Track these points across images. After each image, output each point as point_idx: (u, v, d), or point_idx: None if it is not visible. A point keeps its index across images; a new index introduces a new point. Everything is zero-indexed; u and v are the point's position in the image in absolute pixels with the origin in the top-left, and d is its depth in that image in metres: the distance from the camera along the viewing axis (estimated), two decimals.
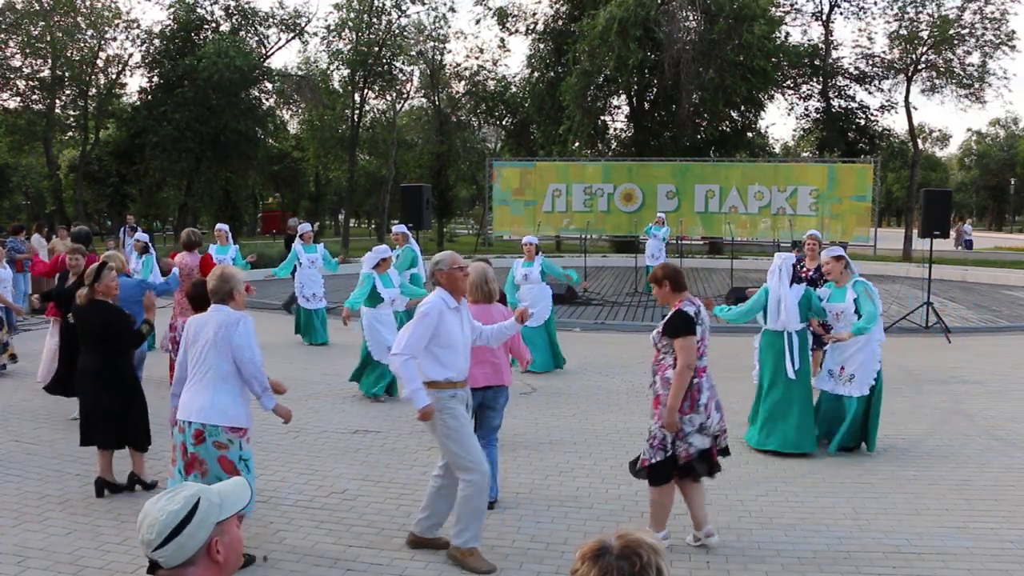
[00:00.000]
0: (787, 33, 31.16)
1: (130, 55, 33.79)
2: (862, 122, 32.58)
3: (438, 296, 4.88)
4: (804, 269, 8.98)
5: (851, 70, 32.08)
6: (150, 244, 13.56)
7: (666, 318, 5.01)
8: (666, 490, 4.98)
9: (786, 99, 33.50)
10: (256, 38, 34.87)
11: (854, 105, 32.47)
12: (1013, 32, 28.77)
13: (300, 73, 35.81)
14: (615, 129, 34.97)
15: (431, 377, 4.83)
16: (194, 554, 1.82)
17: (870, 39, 34.64)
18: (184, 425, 4.75)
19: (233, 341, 4.68)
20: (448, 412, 4.80)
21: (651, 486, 5.01)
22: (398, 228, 11.69)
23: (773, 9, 29.43)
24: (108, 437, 5.89)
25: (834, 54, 32.39)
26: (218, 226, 12.36)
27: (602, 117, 32.45)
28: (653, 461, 4.91)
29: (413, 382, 4.69)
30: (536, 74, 33.79)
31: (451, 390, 4.84)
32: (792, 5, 31.99)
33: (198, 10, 33.05)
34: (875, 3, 31.26)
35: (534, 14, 34.24)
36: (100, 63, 33.25)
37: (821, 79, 32.08)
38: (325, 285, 12.75)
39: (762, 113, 33.10)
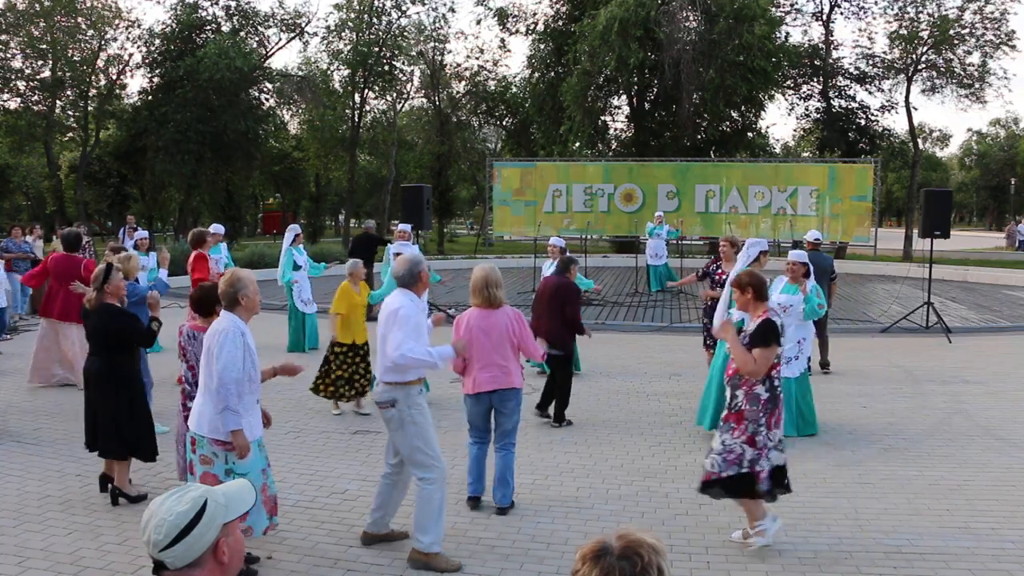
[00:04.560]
0: (787, 33, 31.20)
1: (131, 55, 33.83)
2: (862, 122, 32.57)
3: (407, 296, 4.98)
4: (720, 271, 8.84)
5: (851, 70, 32.10)
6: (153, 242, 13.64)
7: (754, 327, 4.89)
8: (744, 500, 5.03)
9: (786, 99, 33.51)
10: (256, 38, 34.89)
11: (854, 105, 32.49)
12: (1013, 32, 28.83)
13: (300, 73, 35.81)
14: (615, 129, 34.98)
15: (405, 377, 4.90)
16: (201, 555, 1.82)
17: (870, 39, 34.69)
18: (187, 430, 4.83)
19: (212, 351, 4.58)
20: (416, 408, 4.92)
21: (730, 499, 5.08)
22: (403, 227, 11.70)
23: (773, 9, 29.40)
24: (112, 446, 5.79)
25: (834, 54, 32.40)
26: (213, 226, 12.47)
27: (602, 117, 32.40)
28: (724, 475, 4.88)
29: (429, 354, 4.82)
30: (536, 74, 33.77)
31: (418, 386, 4.98)
32: (792, 5, 32.00)
33: (199, 11, 33.07)
34: (875, 3, 31.31)
35: (534, 14, 34.29)
36: (101, 63, 33.26)
37: (821, 79, 32.08)
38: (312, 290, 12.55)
39: (762, 113, 33.11)
